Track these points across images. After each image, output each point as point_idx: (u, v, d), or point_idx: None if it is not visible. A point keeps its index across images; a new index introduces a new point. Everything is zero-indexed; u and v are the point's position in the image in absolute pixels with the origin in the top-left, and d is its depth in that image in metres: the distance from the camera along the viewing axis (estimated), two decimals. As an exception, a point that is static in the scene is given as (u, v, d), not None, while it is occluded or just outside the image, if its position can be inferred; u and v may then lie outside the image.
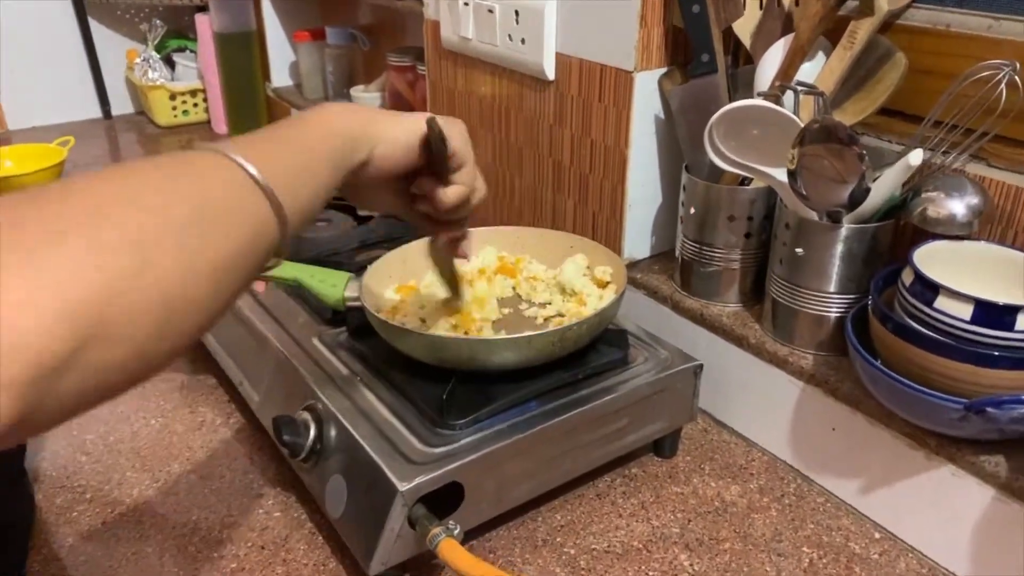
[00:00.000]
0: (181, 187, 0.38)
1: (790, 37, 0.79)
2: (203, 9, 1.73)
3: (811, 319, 0.77)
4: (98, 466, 0.81)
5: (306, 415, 0.72)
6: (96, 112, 1.94)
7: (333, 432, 0.70)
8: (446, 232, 0.66)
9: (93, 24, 1.86)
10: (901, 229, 0.76)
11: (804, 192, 0.71)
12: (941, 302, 0.63)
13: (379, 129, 0.54)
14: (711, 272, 0.86)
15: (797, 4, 0.80)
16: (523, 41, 0.97)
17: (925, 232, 0.70)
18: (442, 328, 0.75)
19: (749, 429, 0.85)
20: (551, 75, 0.96)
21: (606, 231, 0.96)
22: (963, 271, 0.68)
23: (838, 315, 0.75)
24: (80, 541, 0.72)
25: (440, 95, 1.19)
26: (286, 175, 0.44)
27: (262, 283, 0.80)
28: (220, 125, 1.83)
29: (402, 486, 0.61)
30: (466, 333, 0.75)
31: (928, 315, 0.64)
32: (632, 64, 0.85)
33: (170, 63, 1.89)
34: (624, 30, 0.85)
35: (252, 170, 0.41)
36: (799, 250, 0.75)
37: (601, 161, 0.93)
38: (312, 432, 0.71)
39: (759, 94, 0.78)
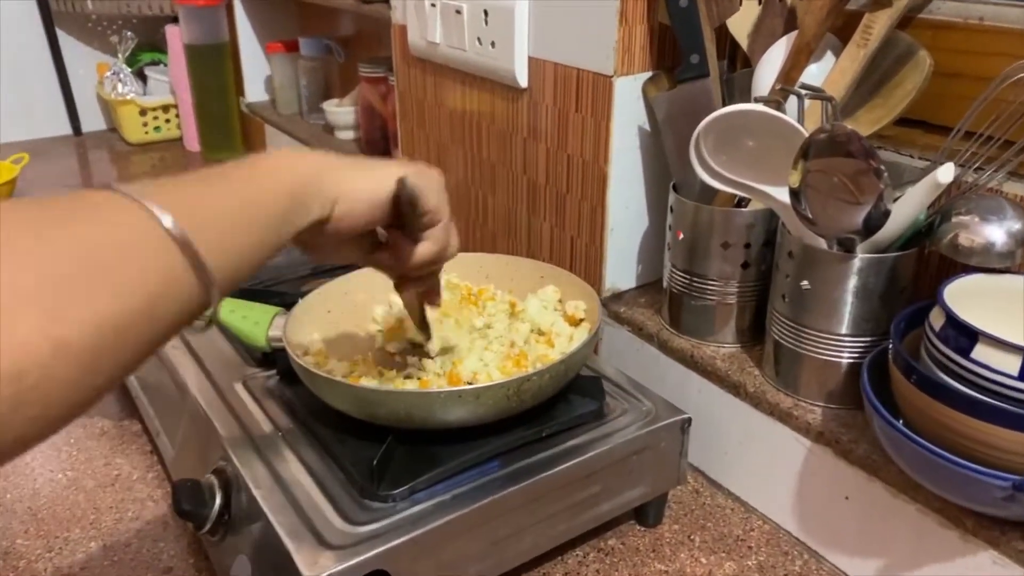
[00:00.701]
0: (66, 234, 0.32)
1: (793, 35, 0.68)
2: (177, 20, 1.64)
3: (819, 365, 0.65)
4: (-14, 531, 0.70)
5: (213, 479, 0.60)
6: (66, 129, 1.84)
7: (243, 502, 0.58)
8: (412, 284, 0.59)
9: (61, 36, 1.77)
10: (926, 260, 0.64)
11: (810, 215, 0.60)
12: (980, 352, 0.51)
13: (340, 184, 0.46)
14: (703, 307, 0.74)
15: (801, -3, 0.68)
16: (493, 44, 0.86)
17: (956, 264, 0.59)
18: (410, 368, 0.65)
19: (748, 492, 0.73)
20: (523, 82, 0.85)
21: (585, 258, 0.84)
22: (1004, 312, 0.56)
23: (851, 361, 0.63)
24: (-54, 628, 0.61)
25: (410, 107, 1.08)
26: (215, 226, 0.38)
27: None
28: (192, 143, 1.73)
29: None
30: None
31: (964, 367, 0.52)
32: (611, 68, 0.74)
33: (143, 77, 1.80)
34: (602, 28, 0.74)
35: (164, 218, 0.34)
36: (804, 283, 0.63)
37: (579, 179, 0.82)
38: (218, 501, 0.59)
39: (756, 99, 0.66)
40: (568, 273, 0.74)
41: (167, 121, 1.77)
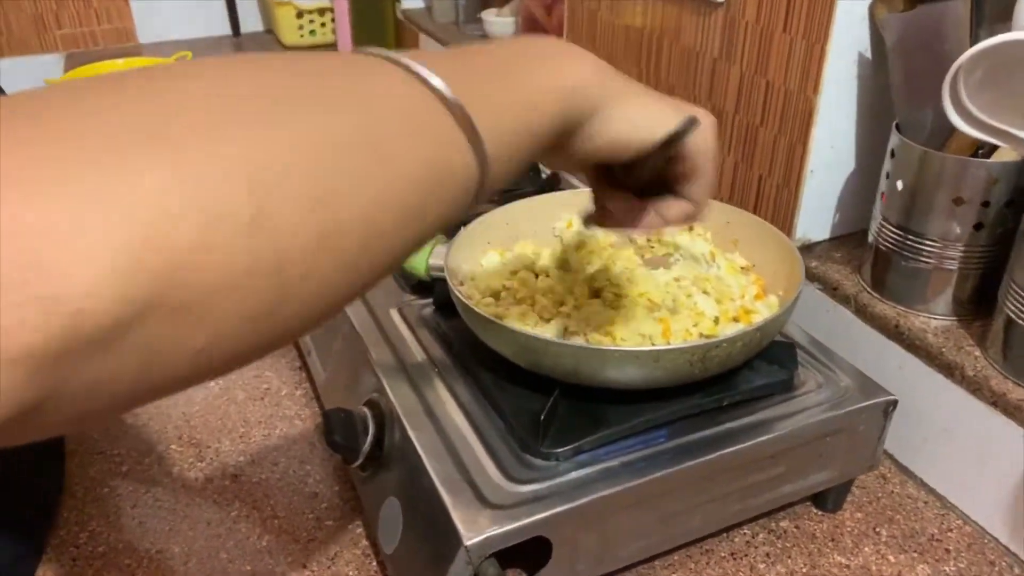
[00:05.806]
0: (331, 99, 0.26)
1: (1085, -54, 0.54)
2: (337, -81, 1.59)
3: (1068, 355, 0.54)
4: (143, 432, 0.70)
5: (366, 412, 0.57)
6: (226, 29, 1.86)
7: (397, 439, 0.55)
8: (636, 227, 0.45)
9: (226, -66, 1.76)
10: None
11: (1090, 175, 0.48)
12: None
13: (614, 101, 0.37)
14: (917, 269, 0.64)
15: (1100, -102, 0.55)
16: (689, -50, 0.76)
17: None
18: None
19: (947, 487, 0.64)
20: (722, -5, 0.75)
21: (774, 202, 0.75)
22: None
23: (1114, 355, 0.53)
24: (104, 526, 0.61)
25: (580, 19, 0.99)
26: (496, 119, 0.31)
27: None
28: (346, 48, 1.70)
29: (469, 537, 0.46)
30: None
31: None
32: (837, -19, 0.63)
33: (302, -22, 1.77)
34: (831, -67, 0.62)
35: (437, 83, 0.28)
36: (1063, 257, 0.52)
37: (778, 110, 0.71)
38: (371, 435, 0.56)
39: (1034, 26, 0.54)
40: (759, 220, 0.65)
41: (323, 25, 1.75)
